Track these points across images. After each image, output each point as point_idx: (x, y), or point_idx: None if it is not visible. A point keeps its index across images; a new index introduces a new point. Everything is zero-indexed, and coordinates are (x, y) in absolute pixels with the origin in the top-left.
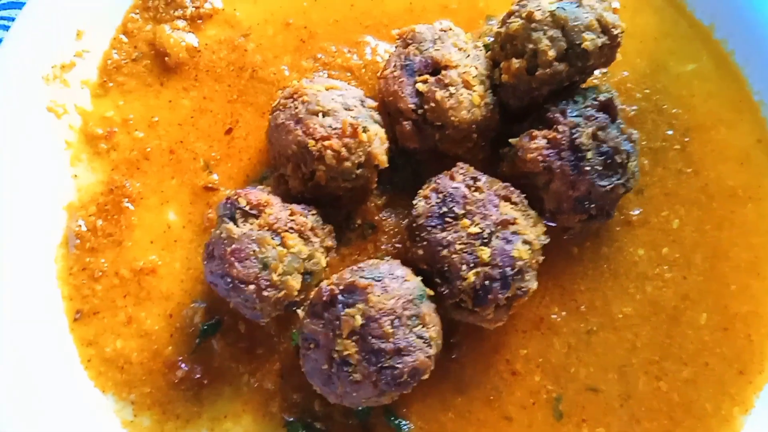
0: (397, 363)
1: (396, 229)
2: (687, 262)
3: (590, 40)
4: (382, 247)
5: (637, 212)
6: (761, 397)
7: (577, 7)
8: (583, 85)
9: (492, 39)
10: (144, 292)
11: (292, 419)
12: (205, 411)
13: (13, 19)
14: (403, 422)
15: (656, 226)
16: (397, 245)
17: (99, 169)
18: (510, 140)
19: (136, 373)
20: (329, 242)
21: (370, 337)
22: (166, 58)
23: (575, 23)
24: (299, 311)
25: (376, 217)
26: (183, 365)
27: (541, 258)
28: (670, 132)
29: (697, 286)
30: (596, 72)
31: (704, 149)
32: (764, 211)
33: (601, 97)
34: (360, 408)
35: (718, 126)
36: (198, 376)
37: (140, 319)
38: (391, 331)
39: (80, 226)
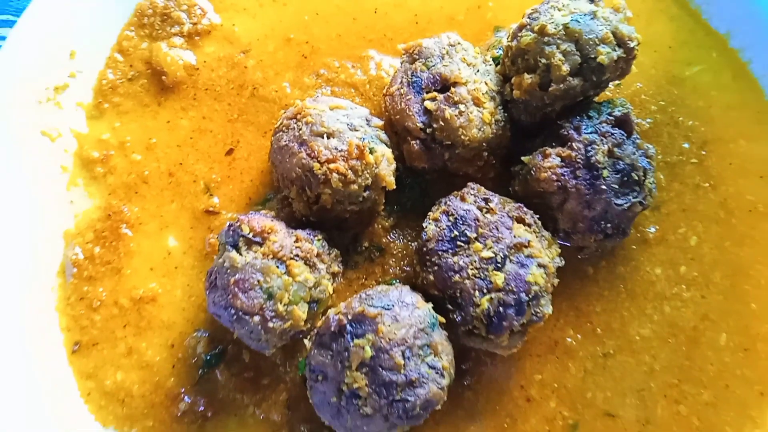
0: (409, 395)
1: (404, 252)
2: (706, 281)
3: (605, 54)
4: (390, 270)
5: (653, 230)
6: None
7: (592, 19)
8: (597, 99)
9: (501, 52)
10: (144, 322)
11: None
12: None
13: (3, 39)
14: None
15: (674, 244)
16: (405, 268)
17: (96, 194)
18: (522, 158)
19: (138, 407)
20: (336, 268)
21: (380, 369)
22: (163, 77)
23: (590, 36)
24: (306, 341)
25: (384, 240)
26: (186, 397)
27: (556, 281)
28: (686, 145)
29: (717, 306)
30: (609, 84)
31: (723, 163)
32: None
33: (617, 112)
34: None
35: (737, 139)
36: (202, 408)
37: (141, 349)
38: (402, 362)
39: (77, 254)
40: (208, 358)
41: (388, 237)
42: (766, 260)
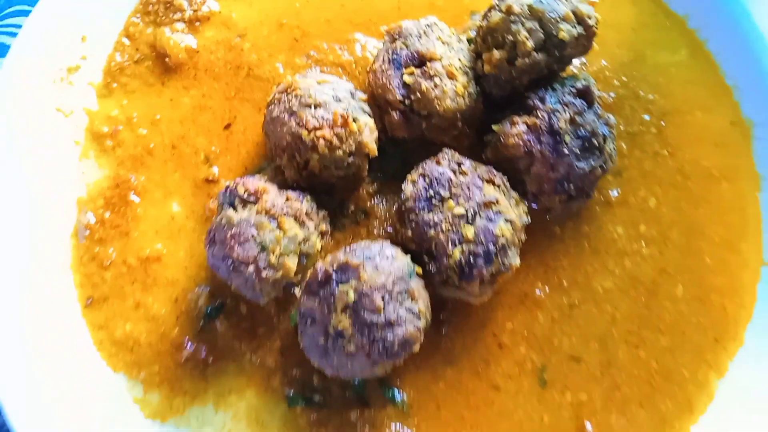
0: (388, 334)
1: (387, 214)
2: (664, 239)
3: (566, 31)
4: (375, 231)
5: (616, 193)
6: (735, 362)
7: None
8: (563, 74)
9: (475, 33)
10: (150, 279)
11: (292, 393)
12: (211, 387)
13: (20, 27)
14: (397, 393)
15: (634, 206)
16: (388, 229)
17: (106, 165)
18: (492, 126)
19: (145, 354)
20: (324, 227)
21: (362, 311)
22: (167, 59)
23: (552, 15)
24: (297, 291)
25: (368, 204)
26: (189, 345)
27: (524, 236)
28: (647, 117)
29: (674, 261)
30: (576, 62)
31: (680, 132)
32: (739, 189)
33: (579, 85)
34: (356, 380)
35: (693, 110)
36: (203, 355)
37: (148, 303)
38: (382, 305)
39: (89, 218)
40: (209, 310)
41: (373, 201)
42: (720, 220)
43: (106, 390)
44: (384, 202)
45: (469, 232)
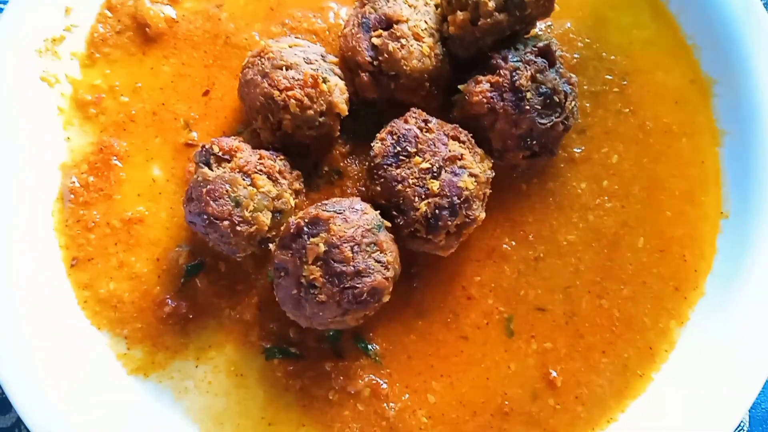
0: (358, 283)
1: (360, 174)
2: (626, 193)
3: None
4: (348, 191)
5: (579, 150)
6: (696, 310)
7: None
8: (526, 36)
9: None
10: (133, 240)
11: (269, 346)
12: (192, 342)
13: (5, 2)
14: (369, 345)
15: (597, 162)
16: (361, 189)
17: (89, 132)
18: (459, 86)
19: (128, 311)
20: (297, 185)
21: (332, 262)
22: (147, 30)
23: None
24: (271, 246)
25: (342, 164)
26: (170, 302)
27: (489, 191)
28: (609, 77)
29: (636, 214)
30: (542, 25)
31: (641, 91)
32: (697, 144)
33: (540, 44)
34: (330, 333)
35: (654, 70)
36: (184, 311)
37: (130, 263)
38: (351, 255)
39: (74, 182)
40: (189, 268)
41: (346, 162)
42: (679, 174)
43: (90, 348)
44: (357, 163)
45: (435, 185)
